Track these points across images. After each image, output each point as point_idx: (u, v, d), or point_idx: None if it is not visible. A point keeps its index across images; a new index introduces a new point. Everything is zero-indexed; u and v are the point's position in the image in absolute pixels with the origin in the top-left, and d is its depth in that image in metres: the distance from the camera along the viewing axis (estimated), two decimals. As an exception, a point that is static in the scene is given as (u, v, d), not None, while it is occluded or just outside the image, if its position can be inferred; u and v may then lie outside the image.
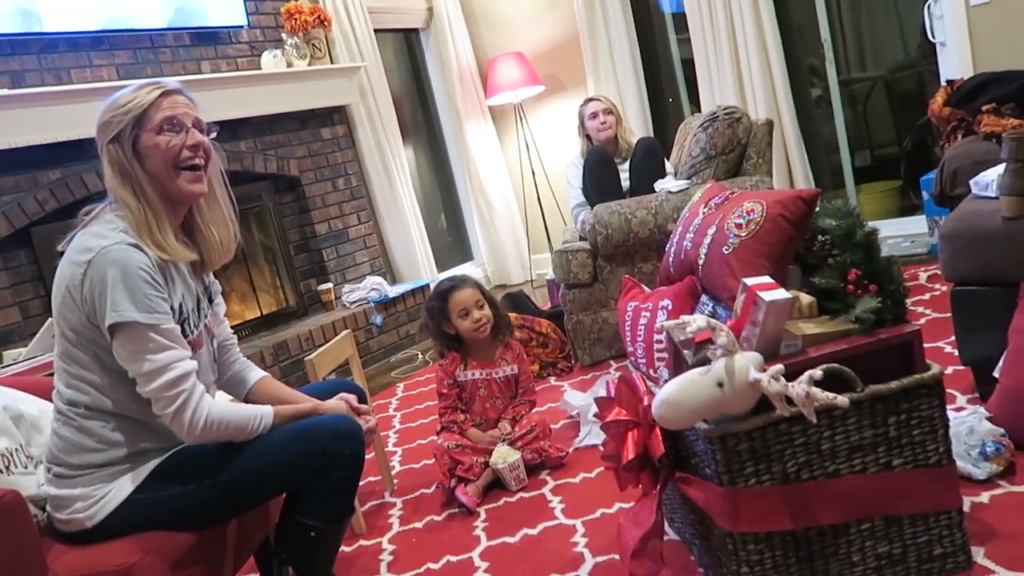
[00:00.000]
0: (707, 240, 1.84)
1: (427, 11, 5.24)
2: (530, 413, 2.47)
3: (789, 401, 1.36)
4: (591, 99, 3.78)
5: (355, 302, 4.23)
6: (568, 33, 4.97)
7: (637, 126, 4.66)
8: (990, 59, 3.46)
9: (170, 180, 1.52)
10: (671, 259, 2.00)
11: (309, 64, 4.25)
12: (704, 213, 1.96)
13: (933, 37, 3.70)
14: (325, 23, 4.30)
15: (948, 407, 1.51)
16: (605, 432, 1.68)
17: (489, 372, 2.45)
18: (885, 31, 4.29)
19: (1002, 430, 1.76)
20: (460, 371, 2.45)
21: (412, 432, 3.03)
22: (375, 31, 4.75)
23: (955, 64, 3.60)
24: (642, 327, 1.88)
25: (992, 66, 3.31)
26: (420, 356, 4.14)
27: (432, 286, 4.63)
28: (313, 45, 4.29)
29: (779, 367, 1.37)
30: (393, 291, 4.35)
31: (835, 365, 1.42)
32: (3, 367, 2.75)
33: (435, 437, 2.51)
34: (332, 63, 4.42)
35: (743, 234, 1.75)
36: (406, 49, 5.42)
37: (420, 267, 4.76)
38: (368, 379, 3.67)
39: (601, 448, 1.72)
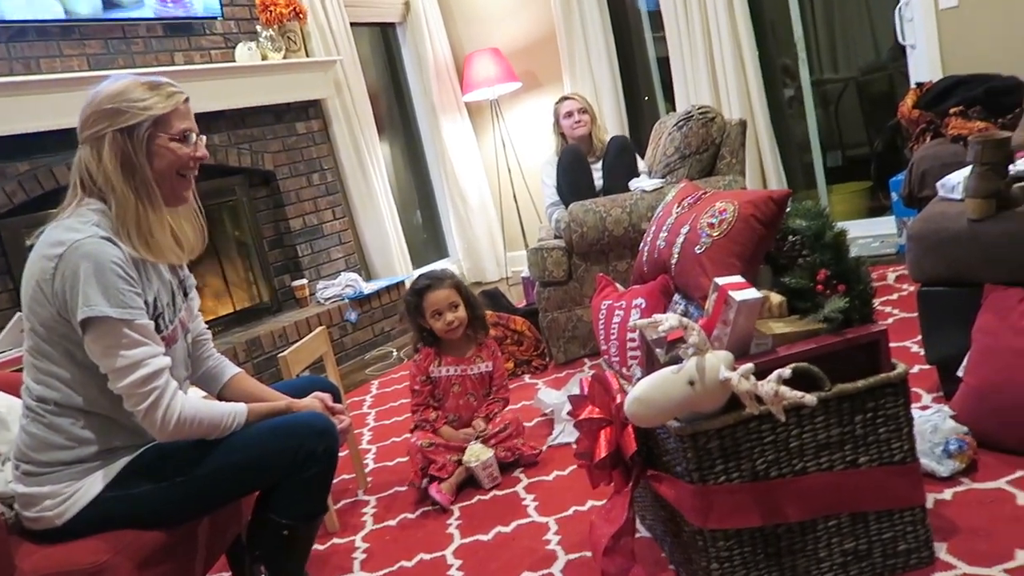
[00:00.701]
0: (680, 239, 1.86)
1: (403, 5, 5.22)
2: (503, 411, 2.48)
3: (759, 399, 1.38)
4: (566, 97, 3.79)
5: (329, 298, 4.21)
6: (545, 30, 4.98)
7: (612, 124, 4.68)
8: (958, 62, 3.52)
9: (170, 184, 1.56)
10: (644, 258, 2.02)
11: (284, 57, 4.21)
12: (677, 212, 1.98)
13: (903, 40, 3.76)
14: (300, 16, 4.27)
15: (913, 405, 1.54)
16: (578, 430, 1.70)
17: (463, 369, 2.46)
18: (857, 33, 4.35)
19: (965, 428, 1.80)
20: (434, 367, 2.45)
21: (386, 430, 3.02)
22: (351, 24, 4.72)
23: (924, 67, 3.66)
24: (615, 325, 1.89)
25: (960, 69, 3.38)
26: (395, 353, 4.14)
27: (407, 283, 4.63)
28: (288, 38, 4.26)
29: (749, 366, 1.39)
30: (368, 288, 4.33)
31: (804, 364, 1.44)
32: (-31, 362, 2.70)
33: (409, 435, 2.51)
34: (307, 56, 4.38)
35: (715, 234, 1.77)
36: (382, 43, 5.40)
37: (395, 263, 4.75)
38: (342, 376, 3.66)
39: (574, 446, 1.73)
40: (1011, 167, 1.99)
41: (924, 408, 1.95)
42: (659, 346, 1.57)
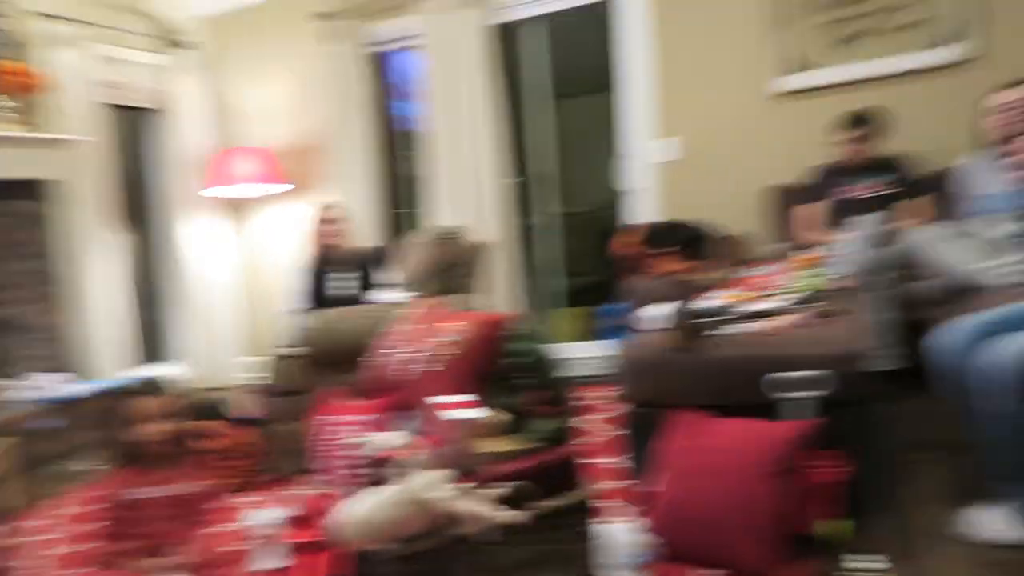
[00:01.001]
0: (412, 356, 1.89)
1: (163, 93, 4.98)
2: (209, 534, 2.26)
3: (467, 518, 1.40)
4: (325, 205, 3.80)
5: (27, 401, 3.68)
6: (313, 135, 4.97)
7: (369, 235, 4.73)
8: (672, 208, 4.03)
9: None
10: (375, 373, 2.02)
11: (20, 130, 3.79)
12: (412, 329, 2.02)
13: (624, 184, 4.26)
14: (42, 89, 3.89)
15: (611, 518, 1.64)
16: (288, 553, 1.61)
17: (165, 489, 2.22)
18: (595, 171, 4.87)
19: (656, 541, 1.95)
20: (130, 489, 2.19)
21: (75, 556, 2.64)
22: (104, 105, 4.40)
23: (642, 208, 4.16)
24: (335, 442, 1.86)
25: (673, 214, 3.89)
26: (94, 466, 3.67)
27: (123, 387, 4.21)
28: (27, 110, 3.85)
29: (462, 485, 1.42)
30: (78, 390, 3.86)
31: (516, 483, 1.50)
32: None
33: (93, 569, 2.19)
34: (42, 132, 3.99)
35: (445, 353, 1.83)
36: (136, 129, 5.08)
37: (118, 364, 4.31)
38: (33, 489, 3.19)
39: (285, 569, 1.63)
40: (698, 305, 2.30)
41: (622, 522, 2.09)
42: (375, 465, 1.56)
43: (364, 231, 4.75)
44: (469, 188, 4.49)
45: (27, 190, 3.98)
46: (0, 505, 1.67)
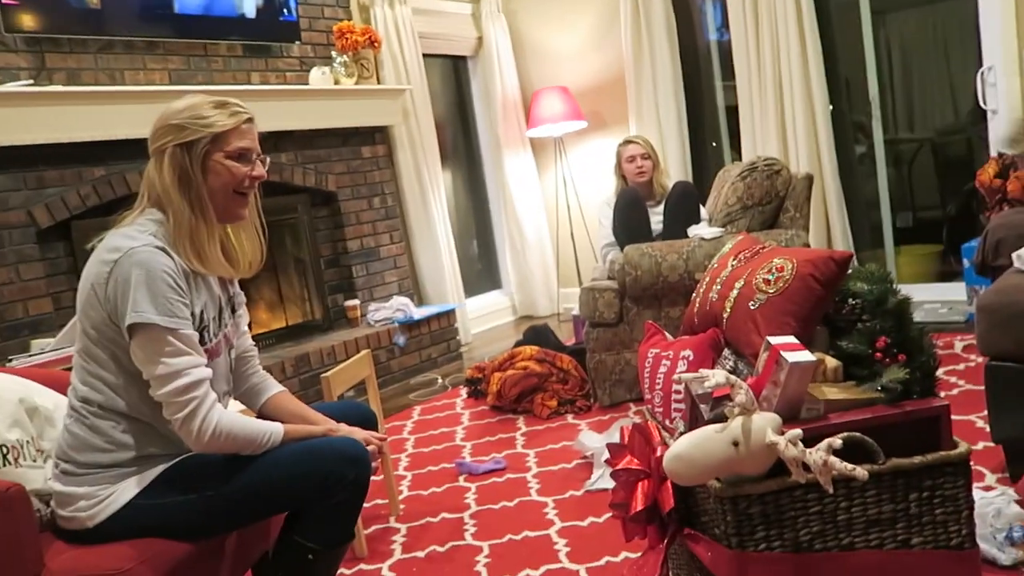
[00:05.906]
0: (734, 293, 1.81)
1: (476, 40, 5.31)
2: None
3: (806, 467, 1.32)
4: (630, 141, 3.77)
5: (380, 321, 4.24)
6: (614, 71, 4.99)
7: (676, 169, 4.64)
8: (1042, 130, 3.38)
9: (225, 200, 1.58)
10: (696, 308, 1.97)
11: (356, 83, 4.30)
12: (733, 265, 1.93)
13: (985, 104, 3.64)
14: (375, 44, 4.37)
15: (975, 486, 1.45)
16: (615, 480, 1.65)
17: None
18: (936, 93, 4.24)
19: (1031, 516, 1.69)
20: None
21: (424, 457, 3.00)
22: (424, 55, 4.81)
23: (1006, 133, 3.53)
24: (661, 375, 1.84)
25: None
26: (440, 380, 4.13)
27: (458, 312, 4.64)
28: (361, 65, 4.35)
29: (797, 431, 1.33)
30: (419, 313, 4.35)
31: (856, 434, 1.37)
32: (29, 356, 2.79)
33: (448, 465, 2.46)
34: (378, 84, 4.47)
35: (771, 291, 1.72)
36: (453, 75, 5.48)
37: (448, 291, 4.76)
38: (385, 400, 3.66)
39: (611, 494, 1.68)
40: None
41: (988, 489, 1.84)
42: (704, 402, 1.52)
43: (673, 164, 4.67)
44: (787, 115, 4.17)
45: (371, 136, 4.50)
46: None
